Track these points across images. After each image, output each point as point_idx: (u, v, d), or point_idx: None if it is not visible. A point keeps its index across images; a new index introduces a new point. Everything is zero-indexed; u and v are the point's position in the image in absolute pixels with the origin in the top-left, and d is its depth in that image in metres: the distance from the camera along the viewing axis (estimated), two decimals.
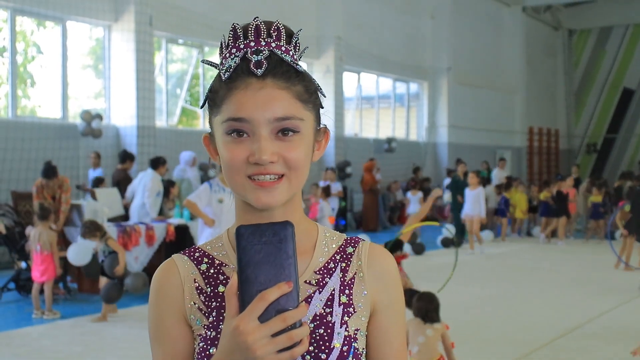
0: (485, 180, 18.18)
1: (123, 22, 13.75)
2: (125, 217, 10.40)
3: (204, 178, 14.58)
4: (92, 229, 7.70)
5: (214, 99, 1.27)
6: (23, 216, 9.52)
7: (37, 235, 7.87)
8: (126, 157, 11.90)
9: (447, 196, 17.49)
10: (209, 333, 1.25)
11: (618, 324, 7.59)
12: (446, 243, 14.40)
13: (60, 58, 13.29)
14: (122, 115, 13.87)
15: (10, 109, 12.50)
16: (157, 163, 10.42)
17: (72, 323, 7.55)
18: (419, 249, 13.12)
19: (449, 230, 10.91)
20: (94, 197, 9.95)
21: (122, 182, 11.30)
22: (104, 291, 7.62)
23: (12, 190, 10.56)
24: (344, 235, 1.38)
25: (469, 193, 13.51)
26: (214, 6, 15.28)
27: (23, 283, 8.79)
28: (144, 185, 10.12)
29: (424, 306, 5.41)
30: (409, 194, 17.09)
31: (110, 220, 9.50)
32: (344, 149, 18.58)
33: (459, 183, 16.49)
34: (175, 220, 9.86)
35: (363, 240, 1.37)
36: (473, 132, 24.19)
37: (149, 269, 9.18)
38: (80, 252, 8.25)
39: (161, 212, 10.42)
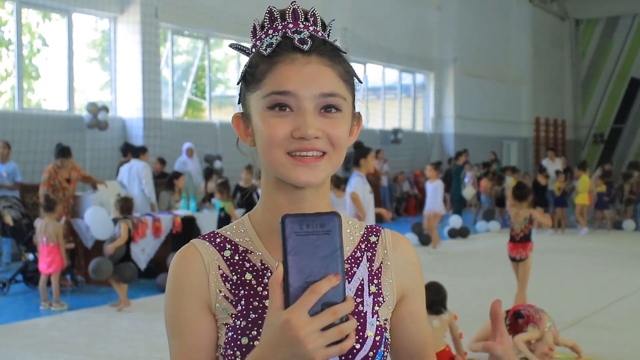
0: (493, 174, 18.12)
1: (129, 14, 13.74)
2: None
3: (210, 169, 14.61)
4: (119, 204, 8.20)
5: (254, 73, 1.24)
6: (30, 208, 9.55)
7: (43, 227, 7.89)
8: (127, 149, 11.98)
9: (469, 190, 17.35)
10: (238, 322, 1.21)
11: (625, 314, 7.58)
12: (453, 234, 14.38)
13: (66, 50, 13.30)
14: (128, 107, 13.88)
15: (16, 102, 12.52)
16: (139, 152, 10.71)
17: (79, 314, 7.58)
18: (425, 240, 13.10)
19: None
20: (95, 188, 9.95)
21: None
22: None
23: (19, 182, 10.60)
24: (364, 224, 1.37)
25: (428, 186, 12.55)
26: None
27: (30, 275, 8.81)
28: (138, 174, 10.35)
29: (430, 297, 5.39)
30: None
31: None
32: None
33: (459, 172, 16.47)
34: (182, 212, 9.88)
35: (383, 228, 1.37)
36: (479, 123, 24.12)
37: (156, 261, 9.21)
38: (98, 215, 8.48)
39: (168, 204, 10.47)
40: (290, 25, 1.24)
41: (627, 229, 15.74)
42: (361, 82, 1.33)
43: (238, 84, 1.31)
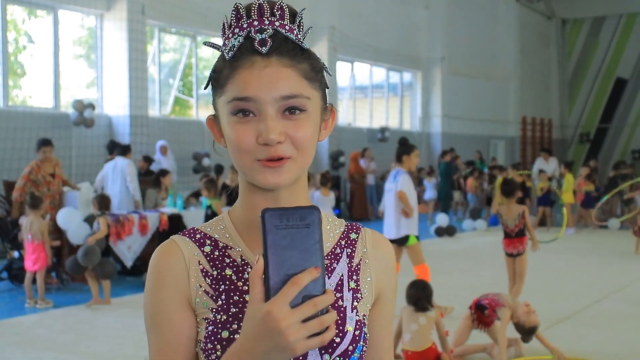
0: (480, 172, 18.17)
1: (115, 11, 13.67)
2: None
3: (198, 167, 14.57)
4: (98, 201, 8.19)
5: (218, 79, 1.24)
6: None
7: (29, 225, 7.84)
8: (114, 147, 11.94)
9: (458, 194, 17.39)
10: (218, 316, 1.22)
11: (610, 312, 7.63)
12: (440, 232, 14.41)
13: (51, 47, 13.22)
14: (115, 104, 13.82)
15: (1, 99, 12.43)
16: (126, 150, 10.76)
17: (65, 312, 7.54)
18: None
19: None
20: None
21: None
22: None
23: (4, 180, 10.52)
24: (344, 221, 1.38)
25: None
26: None
27: (16, 272, 8.76)
28: (122, 171, 10.37)
29: (416, 294, 5.41)
30: (425, 181, 17.00)
31: None
32: (338, 139, 18.57)
33: (450, 169, 16.48)
34: (169, 210, 9.85)
35: (363, 226, 1.38)
36: (467, 122, 24.19)
37: (143, 258, 9.17)
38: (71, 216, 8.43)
39: (154, 202, 10.44)
40: (256, 23, 1.22)
41: (612, 228, 15.83)
42: (330, 75, 1.32)
43: (205, 88, 1.31)
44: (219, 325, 1.21)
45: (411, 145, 7.47)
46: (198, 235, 1.29)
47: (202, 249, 1.27)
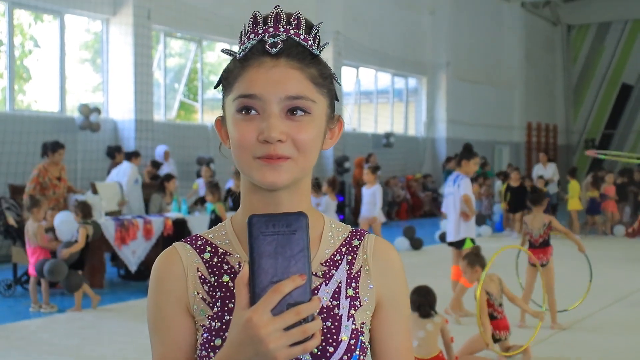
0: (484, 177, 18.13)
1: (121, 16, 13.71)
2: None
3: (201, 172, 14.55)
4: (80, 209, 8.03)
5: (228, 77, 1.26)
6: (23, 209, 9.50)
7: (28, 228, 7.82)
8: (114, 151, 12.09)
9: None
10: (213, 324, 1.22)
11: (615, 319, 7.60)
12: (444, 238, 14.36)
13: (58, 51, 13.26)
14: (120, 109, 13.85)
15: (7, 103, 12.46)
16: (131, 155, 11.22)
17: (69, 316, 7.53)
18: (417, 244, 13.11)
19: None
20: (94, 190, 9.97)
21: None
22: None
23: (10, 184, 10.56)
24: (349, 228, 1.36)
25: (365, 192, 11.23)
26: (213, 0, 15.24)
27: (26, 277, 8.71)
28: (123, 174, 10.77)
29: (418, 300, 5.39)
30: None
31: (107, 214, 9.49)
32: (343, 144, 18.56)
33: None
34: (173, 215, 9.86)
35: (369, 233, 1.36)
36: (471, 128, 24.16)
37: (147, 263, 9.17)
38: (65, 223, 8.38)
39: (159, 207, 10.47)
40: (271, 30, 1.23)
41: (617, 235, 15.78)
42: (340, 85, 1.32)
43: (215, 88, 1.33)
44: (213, 333, 1.21)
45: (473, 152, 7.69)
46: (199, 242, 1.30)
47: (201, 255, 1.28)
